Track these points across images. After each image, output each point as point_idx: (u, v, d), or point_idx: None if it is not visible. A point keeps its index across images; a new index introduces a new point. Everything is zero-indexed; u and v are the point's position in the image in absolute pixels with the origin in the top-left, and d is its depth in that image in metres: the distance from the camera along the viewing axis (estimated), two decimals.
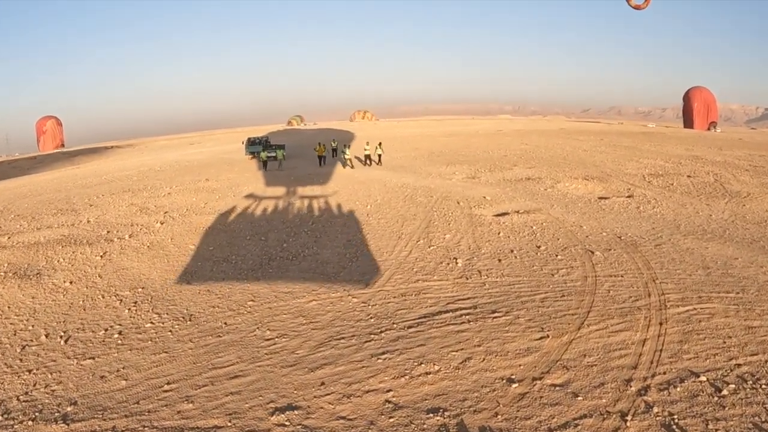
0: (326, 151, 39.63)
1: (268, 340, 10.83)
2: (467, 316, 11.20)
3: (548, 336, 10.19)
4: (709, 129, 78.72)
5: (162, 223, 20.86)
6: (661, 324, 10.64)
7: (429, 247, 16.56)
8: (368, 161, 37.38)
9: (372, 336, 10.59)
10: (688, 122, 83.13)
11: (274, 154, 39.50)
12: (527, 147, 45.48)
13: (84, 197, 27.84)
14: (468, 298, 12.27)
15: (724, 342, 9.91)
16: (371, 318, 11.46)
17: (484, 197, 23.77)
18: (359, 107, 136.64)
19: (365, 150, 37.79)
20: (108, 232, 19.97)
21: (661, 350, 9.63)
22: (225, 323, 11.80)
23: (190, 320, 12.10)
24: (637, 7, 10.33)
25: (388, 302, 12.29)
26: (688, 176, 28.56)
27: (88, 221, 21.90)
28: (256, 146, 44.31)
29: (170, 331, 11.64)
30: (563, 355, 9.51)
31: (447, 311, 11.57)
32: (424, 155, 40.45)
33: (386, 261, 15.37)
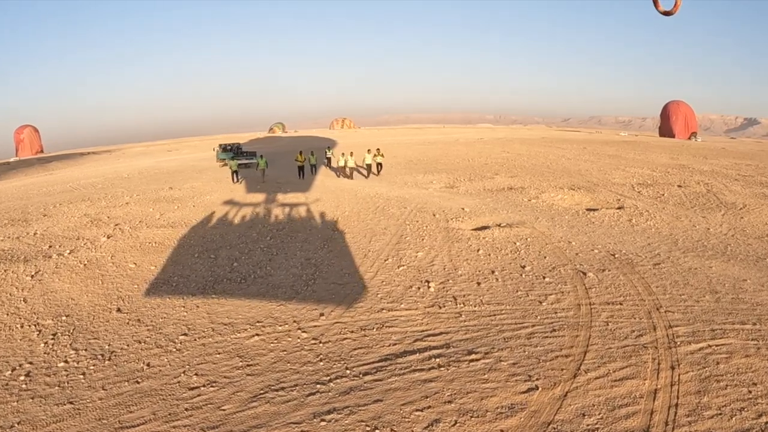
0: (314, 160, 34.60)
1: (192, 389, 8.73)
2: (438, 359, 9.16)
3: (537, 387, 8.19)
4: (690, 138, 78.39)
5: (108, 237, 18.62)
6: (673, 368, 8.73)
7: (398, 267, 14.51)
8: (369, 171, 33.35)
9: (318, 386, 8.51)
10: (666, 135, 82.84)
11: (251, 161, 37.00)
12: (509, 155, 43.79)
13: (41, 206, 25.59)
14: (440, 334, 10.24)
15: (749, 391, 8.07)
16: (321, 360, 9.38)
17: (463, 209, 21.83)
18: (339, 115, 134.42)
19: (366, 159, 33.49)
20: (50, 246, 17.71)
21: (676, 405, 7.71)
22: (148, 364, 9.70)
23: (109, 359, 10.00)
24: (666, 13, 8.61)
25: (344, 338, 10.22)
26: (679, 186, 27.02)
27: (35, 233, 19.61)
28: (228, 153, 42.00)
29: (84, 373, 9.54)
30: (556, 414, 7.54)
31: (413, 351, 9.52)
32: (401, 163, 38.46)
33: (347, 285, 13.30)
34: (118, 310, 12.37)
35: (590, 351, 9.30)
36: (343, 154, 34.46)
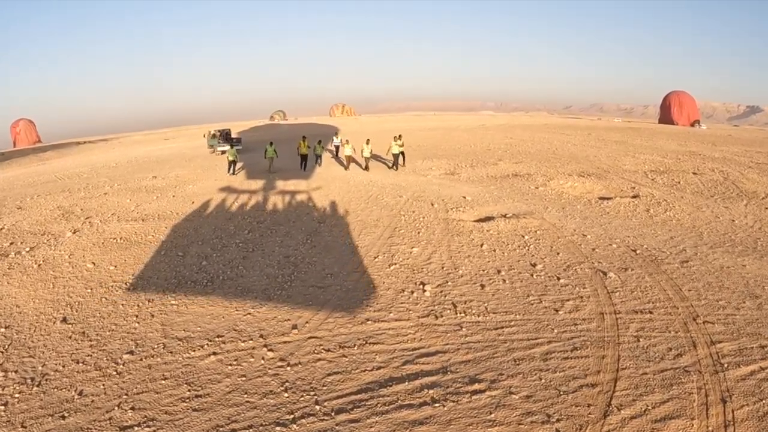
0: (320, 149, 31.20)
1: (124, 429, 6.98)
2: (431, 390, 7.31)
3: None
4: (692, 126, 77.12)
5: (75, 232, 16.84)
6: (724, 402, 6.92)
7: (389, 266, 12.67)
8: (396, 162, 28.86)
9: (278, 429, 6.70)
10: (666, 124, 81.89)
11: (237, 148, 35.02)
12: (512, 141, 41.93)
13: (19, 198, 24.00)
14: (435, 353, 8.39)
15: None
16: (286, 390, 7.54)
17: (464, 197, 19.99)
18: (339, 102, 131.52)
19: (393, 148, 28.45)
20: (11, 243, 15.94)
21: None
22: (80, 392, 7.90)
23: (39, 385, 8.21)
24: None
25: (317, 359, 8.37)
26: (694, 173, 25.21)
27: (2, 229, 17.88)
28: (214, 139, 40.54)
29: (6, 402, 7.81)
30: None
31: (402, 379, 7.68)
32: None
33: (328, 288, 11.44)
34: (64, 320, 10.57)
35: (621, 378, 7.48)
36: (347, 141, 31.15)
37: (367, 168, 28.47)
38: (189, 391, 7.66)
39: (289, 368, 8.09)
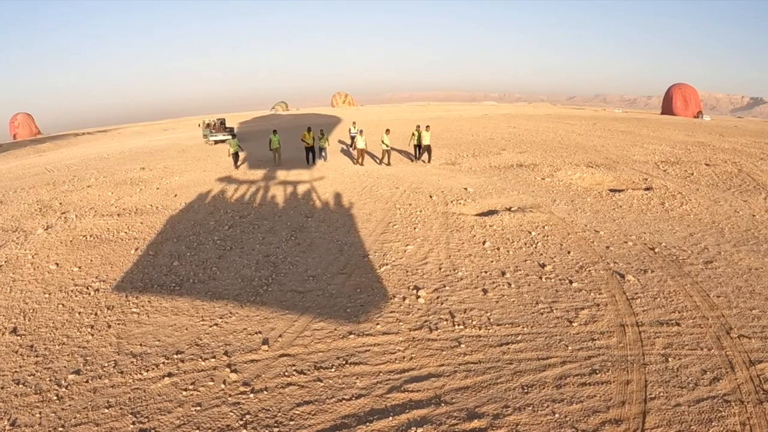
0: (325, 142, 27.75)
1: None
2: (420, 429, 6.02)
3: None
4: (696, 117, 75.94)
5: (46, 229, 15.63)
6: None
7: (380, 266, 11.37)
8: (419, 155, 26.52)
9: None
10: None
11: (227, 138, 33.64)
12: (515, 130, 40.52)
13: (2, 191, 23.10)
14: (428, 377, 7.09)
15: None
16: (245, 425, 6.26)
17: (465, 189, 18.68)
18: (340, 91, 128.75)
19: (424, 138, 25.76)
20: None
21: None
22: (13, 422, 6.70)
23: None
24: None
25: (287, 384, 7.07)
26: (707, 165, 23.85)
27: None
28: (207, 129, 39.50)
29: None
30: None
31: (385, 412, 6.38)
32: (399, 138, 34.97)
33: (308, 293, 10.15)
34: (14, 330, 9.32)
35: (651, 411, 6.19)
36: (361, 132, 27.08)
37: (388, 162, 25.63)
38: (133, 423, 6.40)
39: (252, 395, 6.81)
